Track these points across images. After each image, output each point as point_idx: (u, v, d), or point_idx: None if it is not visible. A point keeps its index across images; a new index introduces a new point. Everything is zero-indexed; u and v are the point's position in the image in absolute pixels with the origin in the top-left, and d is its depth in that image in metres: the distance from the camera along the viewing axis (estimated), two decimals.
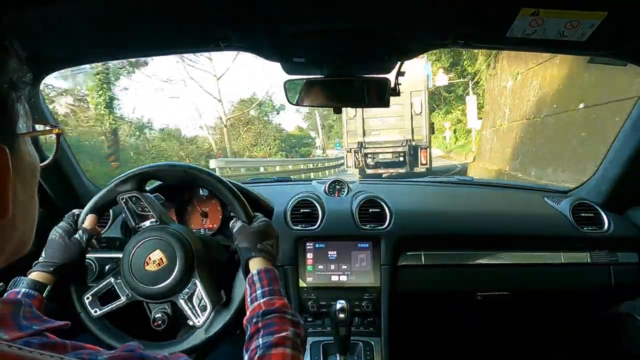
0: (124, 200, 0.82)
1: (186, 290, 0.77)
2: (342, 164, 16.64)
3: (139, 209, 0.83)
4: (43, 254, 0.74)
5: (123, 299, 0.78)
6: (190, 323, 0.78)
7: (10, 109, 0.32)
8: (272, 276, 0.70)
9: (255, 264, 0.72)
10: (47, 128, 0.42)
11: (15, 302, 0.32)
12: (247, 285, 0.70)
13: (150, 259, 0.77)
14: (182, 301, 0.77)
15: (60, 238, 0.76)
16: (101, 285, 0.79)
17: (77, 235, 0.77)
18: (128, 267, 0.77)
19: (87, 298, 0.78)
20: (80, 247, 0.77)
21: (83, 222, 0.80)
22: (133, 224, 0.83)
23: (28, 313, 0.33)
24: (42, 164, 0.40)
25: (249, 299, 0.68)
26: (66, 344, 0.32)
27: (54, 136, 0.44)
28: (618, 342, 1.27)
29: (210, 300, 0.76)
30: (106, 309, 0.78)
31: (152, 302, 0.79)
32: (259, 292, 0.67)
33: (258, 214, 0.83)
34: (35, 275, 0.72)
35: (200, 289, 0.77)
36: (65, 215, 0.81)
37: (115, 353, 0.33)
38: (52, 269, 0.72)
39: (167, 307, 0.79)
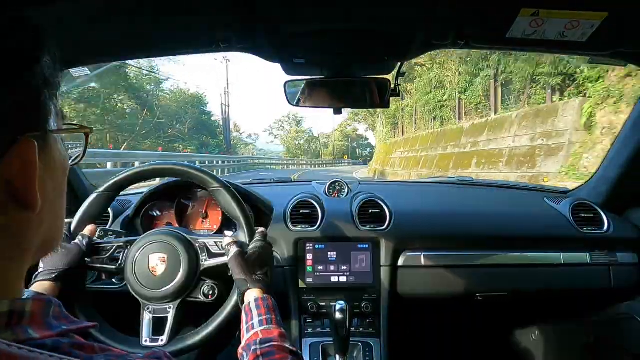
0: (87, 264, 0.81)
1: (202, 256, 0.80)
2: None
3: (105, 253, 0.82)
4: (41, 265, 0.73)
5: (170, 313, 0.78)
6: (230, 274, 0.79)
7: (43, 105, 0.32)
8: (269, 304, 0.70)
9: (250, 294, 0.73)
10: (76, 127, 0.43)
11: (45, 301, 0.33)
12: (244, 313, 0.70)
13: (152, 266, 0.78)
14: (208, 262, 0.79)
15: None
16: (145, 326, 0.78)
17: (76, 240, 0.78)
18: (147, 290, 0.77)
19: (146, 341, 0.77)
20: (81, 250, 0.77)
21: (75, 229, 0.82)
22: (115, 267, 0.82)
23: (57, 313, 0.33)
24: (71, 162, 0.41)
25: (245, 327, 0.68)
26: (94, 346, 0.32)
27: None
28: (618, 342, 1.27)
29: (222, 237, 0.80)
30: (168, 332, 0.77)
31: (191, 290, 0.79)
32: (255, 320, 0.67)
33: (257, 231, 0.83)
34: (37, 286, 0.71)
35: (209, 240, 0.81)
36: None
37: (144, 359, 0.34)
38: (54, 275, 0.72)
39: (203, 279, 0.80)
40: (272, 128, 57.96)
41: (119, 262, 0.81)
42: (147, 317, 0.78)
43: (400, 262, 1.15)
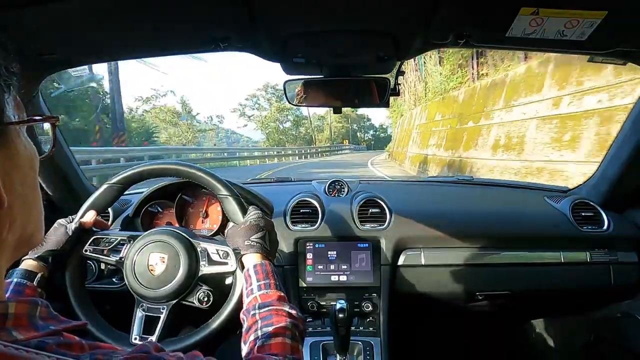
0: (87, 253, 0.82)
1: (202, 262, 0.79)
2: None
3: (107, 245, 0.83)
4: None
5: (162, 314, 0.78)
6: (229, 281, 0.79)
7: None
8: (267, 269, 0.71)
9: (249, 260, 0.73)
10: (40, 117, 0.41)
11: (31, 302, 0.32)
12: (244, 280, 0.71)
13: (151, 266, 0.78)
14: (207, 269, 0.78)
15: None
16: (136, 323, 0.78)
17: (62, 221, 0.78)
18: (143, 288, 0.77)
19: (135, 339, 0.77)
20: (65, 234, 0.77)
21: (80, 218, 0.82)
22: (115, 259, 0.82)
23: (44, 313, 0.33)
24: (42, 156, 0.40)
25: (244, 293, 0.69)
26: (83, 344, 0.32)
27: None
28: (618, 341, 1.27)
29: (225, 246, 0.79)
30: (158, 332, 0.77)
31: (187, 294, 0.79)
32: (254, 285, 0.68)
33: (251, 207, 0.83)
34: (25, 264, 0.73)
35: (211, 247, 0.79)
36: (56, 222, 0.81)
37: (131, 354, 0.34)
38: (36, 256, 0.73)
39: (200, 285, 0.80)
40: (243, 107, 39.38)
41: (120, 256, 0.82)
42: (139, 315, 0.78)
43: (400, 261, 1.15)
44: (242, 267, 0.74)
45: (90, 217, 0.82)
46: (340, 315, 0.90)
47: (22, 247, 0.36)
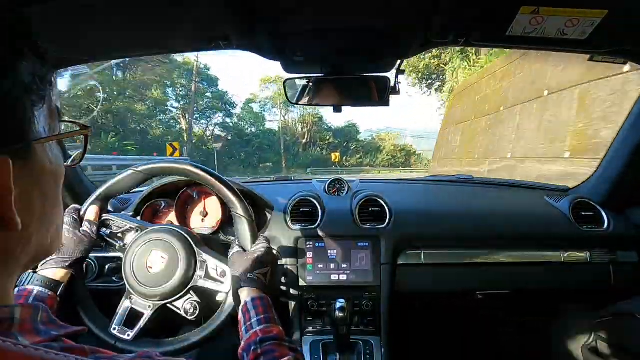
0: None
1: (199, 272, 0.78)
2: None
3: (115, 229, 0.83)
4: None
5: (147, 311, 0.77)
6: (220, 298, 0.79)
7: (22, 116, 0.29)
8: (266, 303, 0.69)
9: (247, 293, 0.72)
10: (76, 129, 0.40)
11: (33, 307, 0.32)
12: (241, 314, 0.69)
13: (150, 262, 0.77)
14: (202, 281, 0.78)
15: (70, 233, 0.75)
16: (120, 312, 0.78)
17: (85, 228, 0.77)
18: (137, 283, 0.77)
19: (114, 329, 0.77)
20: (92, 238, 0.77)
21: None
22: (119, 245, 0.82)
23: (45, 318, 0.33)
24: (67, 163, 0.39)
25: (243, 327, 0.67)
26: (84, 348, 0.32)
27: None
28: (618, 341, 1.27)
29: (224, 264, 0.78)
30: (138, 328, 0.77)
31: (176, 299, 0.78)
32: (254, 320, 0.66)
33: (262, 237, 0.82)
34: (49, 272, 0.70)
35: (211, 260, 0.79)
36: (66, 211, 0.80)
37: (134, 359, 0.33)
38: (68, 263, 0.71)
39: (191, 294, 0.79)
40: None
41: (124, 243, 0.82)
42: (125, 305, 0.78)
43: (400, 260, 1.15)
44: (237, 295, 0.73)
45: (93, 213, 0.81)
46: (340, 314, 0.90)
47: (36, 260, 0.35)
